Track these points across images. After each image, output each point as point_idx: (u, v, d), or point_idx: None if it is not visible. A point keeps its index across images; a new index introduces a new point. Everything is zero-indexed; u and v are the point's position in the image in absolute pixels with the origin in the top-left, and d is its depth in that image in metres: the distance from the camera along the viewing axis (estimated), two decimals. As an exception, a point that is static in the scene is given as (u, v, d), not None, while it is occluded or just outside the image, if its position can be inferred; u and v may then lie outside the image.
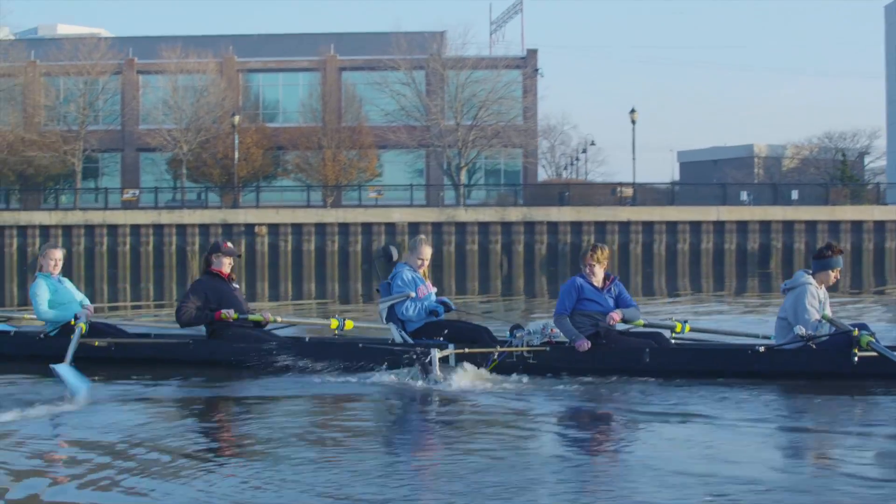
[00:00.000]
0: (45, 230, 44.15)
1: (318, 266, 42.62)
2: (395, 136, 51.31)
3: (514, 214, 43.36)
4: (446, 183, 52.18)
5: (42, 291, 11.37)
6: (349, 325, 11.55)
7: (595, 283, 10.23)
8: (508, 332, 10.48)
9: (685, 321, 11.16)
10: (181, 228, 43.55)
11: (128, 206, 49.52)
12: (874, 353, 9.41)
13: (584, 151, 73.20)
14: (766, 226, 43.52)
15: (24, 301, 31.25)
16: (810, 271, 10.06)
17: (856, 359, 9.40)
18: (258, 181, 52.12)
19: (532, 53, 54.26)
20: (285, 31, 76.25)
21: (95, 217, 44.31)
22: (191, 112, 50.58)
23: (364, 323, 13.05)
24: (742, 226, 43.53)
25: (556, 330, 10.25)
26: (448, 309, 10.87)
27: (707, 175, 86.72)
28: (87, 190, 53.65)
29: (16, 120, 51.56)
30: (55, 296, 11.45)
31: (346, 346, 10.95)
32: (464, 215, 43.35)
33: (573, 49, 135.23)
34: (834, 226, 43.72)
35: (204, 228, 43.33)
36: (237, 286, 11.54)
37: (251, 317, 11.26)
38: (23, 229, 44.34)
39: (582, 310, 10.15)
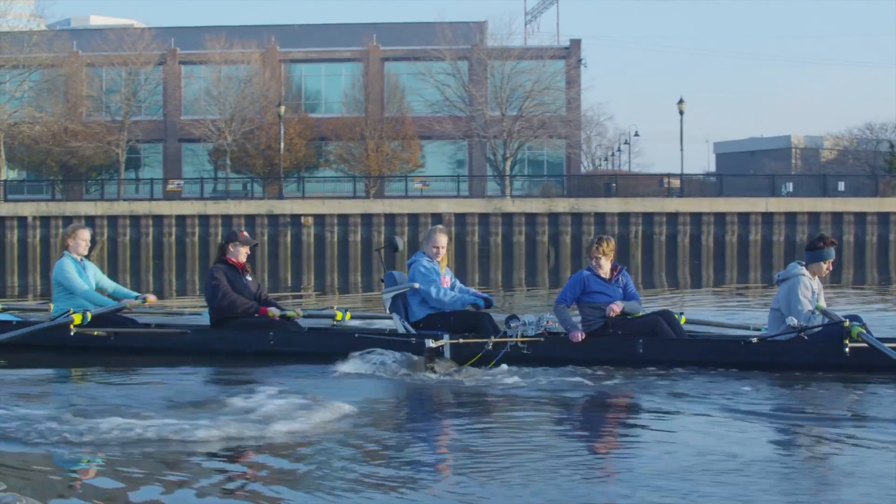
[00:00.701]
0: (90, 221, 44.08)
1: (365, 257, 42.49)
2: (440, 126, 51.03)
3: (562, 205, 43.05)
4: (491, 174, 51.93)
5: (72, 269, 11.18)
6: (348, 316, 11.72)
7: (602, 275, 10.30)
8: (504, 323, 10.45)
9: (681, 313, 11.24)
10: (227, 219, 43.40)
11: (171, 196, 49.50)
12: (865, 345, 9.42)
13: (627, 143, 72.84)
14: (814, 217, 42.96)
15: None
16: (804, 263, 10.14)
17: (847, 350, 9.44)
18: (301, 172, 51.99)
19: (576, 44, 53.88)
20: (328, 21, 76.20)
21: (141, 208, 44.30)
22: (234, 102, 50.46)
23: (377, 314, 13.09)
24: (791, 217, 43.00)
25: (553, 322, 10.30)
26: (489, 305, 10.87)
27: (744, 166, 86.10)
28: (130, 181, 53.69)
29: (60, 110, 51.56)
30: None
31: (342, 335, 10.98)
32: (511, 206, 43.08)
33: (606, 40, 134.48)
34: (883, 217, 43.19)
35: (250, 219, 43.21)
36: (251, 278, 11.36)
37: (288, 313, 11.25)
38: (68, 220, 44.24)
39: (590, 302, 10.24)
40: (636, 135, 75.10)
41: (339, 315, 11.70)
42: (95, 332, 10.91)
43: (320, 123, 53.10)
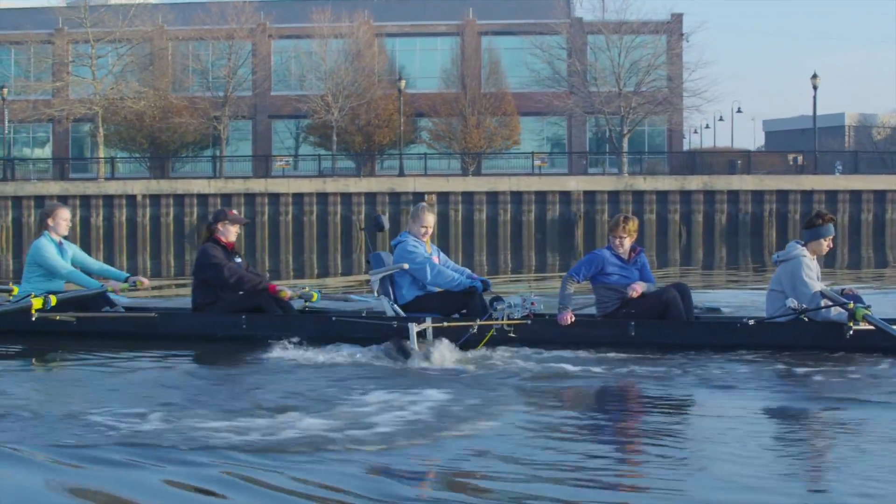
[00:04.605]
0: (203, 199, 42.84)
1: (466, 234, 41.36)
2: (546, 101, 49.81)
3: (695, 183, 41.89)
4: (607, 150, 50.90)
5: (51, 250, 10.69)
6: (314, 297, 11.10)
7: (622, 255, 10.08)
8: (489, 305, 10.11)
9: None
10: (346, 197, 42.19)
11: (273, 174, 48.21)
12: (870, 327, 9.20)
13: (721, 119, 71.95)
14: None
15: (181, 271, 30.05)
16: (802, 242, 9.81)
17: (851, 332, 9.21)
18: (401, 149, 50.82)
19: (677, 17, 52.57)
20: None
21: (256, 185, 42.97)
22: (338, 78, 49.16)
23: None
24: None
25: (537, 303, 9.97)
26: (486, 287, 10.39)
27: (795, 144, 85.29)
28: (239, 157, 52.29)
29: (164, 84, 50.22)
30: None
31: (319, 319, 10.51)
32: (642, 184, 41.90)
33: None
34: None
35: (370, 196, 41.98)
36: (240, 259, 10.73)
37: (306, 295, 10.92)
38: (179, 198, 43.00)
39: (607, 283, 10.03)
40: (739, 111, 74.37)
41: (315, 296, 11.07)
42: (58, 317, 10.50)
43: (415, 99, 51.77)
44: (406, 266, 10.18)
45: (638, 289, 9.86)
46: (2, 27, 54.90)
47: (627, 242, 10.06)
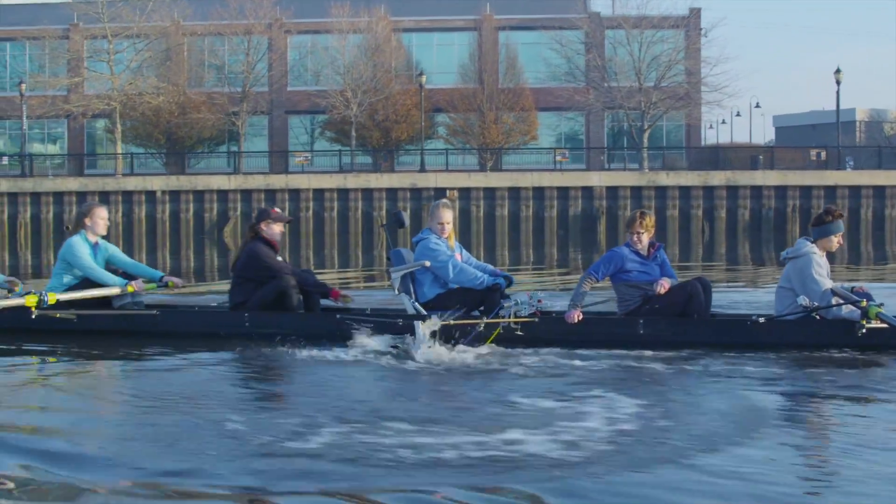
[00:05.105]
0: (223, 195, 42.64)
1: (487, 230, 41.17)
2: (567, 96, 49.61)
3: (718, 178, 41.68)
4: (627, 146, 50.68)
5: (83, 249, 10.60)
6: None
7: (641, 251, 9.95)
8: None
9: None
10: (367, 193, 41.94)
11: (290, 170, 48.04)
12: (883, 325, 9.07)
13: (738, 115, 71.58)
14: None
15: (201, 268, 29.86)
16: (811, 239, 9.69)
17: (863, 330, 9.07)
18: (418, 144, 50.61)
19: (695, 12, 52.37)
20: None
21: (277, 181, 42.76)
22: (357, 73, 48.97)
23: None
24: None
25: (543, 300, 9.89)
26: (510, 284, 10.27)
27: (806, 139, 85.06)
28: (258, 153, 52.07)
29: (181, 79, 50.02)
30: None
31: (324, 317, 10.38)
32: (665, 179, 41.69)
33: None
34: None
35: (392, 192, 41.73)
36: (280, 259, 10.70)
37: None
38: (199, 194, 42.80)
39: (628, 280, 9.88)
40: (757, 106, 74.10)
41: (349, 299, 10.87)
42: (58, 315, 10.46)
43: (433, 94, 51.56)
44: (428, 264, 10.03)
45: (665, 284, 9.73)
46: (17, 22, 54.67)
47: (645, 238, 9.94)
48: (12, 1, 59.89)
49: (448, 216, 10.25)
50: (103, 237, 10.95)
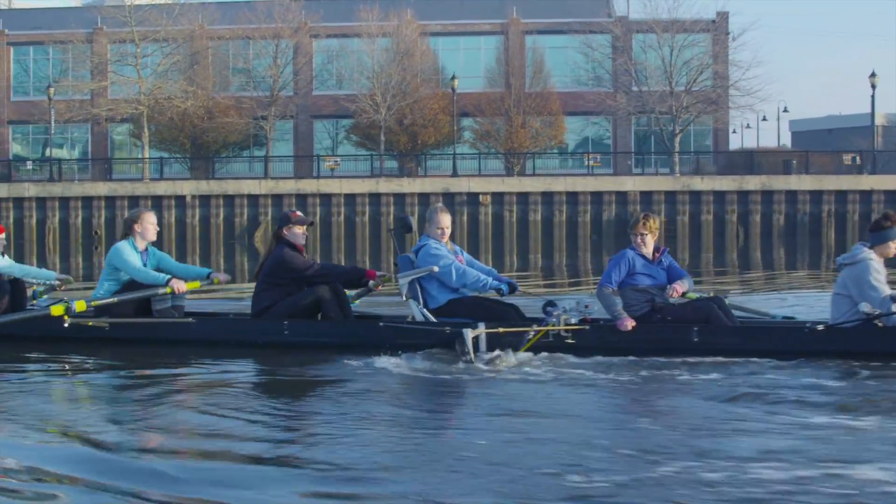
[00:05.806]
0: (253, 199, 42.44)
1: (520, 235, 40.92)
2: (598, 100, 49.36)
3: (753, 183, 41.41)
4: (654, 150, 50.41)
5: (132, 255, 10.44)
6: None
7: (646, 255, 9.63)
8: (542, 310, 9.71)
9: (724, 297, 10.42)
10: (399, 198, 41.73)
11: (317, 174, 47.76)
12: None
13: (765, 119, 71.55)
14: None
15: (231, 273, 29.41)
16: (868, 244, 9.34)
17: None
18: (445, 149, 50.37)
19: (722, 16, 52.08)
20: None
21: (308, 186, 42.52)
22: (385, 77, 48.74)
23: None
24: None
25: (591, 306, 9.62)
26: (513, 290, 10.03)
27: (822, 144, 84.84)
28: (287, 158, 51.85)
29: (209, 84, 49.81)
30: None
31: (366, 325, 10.14)
32: (700, 184, 41.42)
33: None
34: None
35: (423, 197, 41.46)
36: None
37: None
38: (230, 199, 42.57)
39: (635, 285, 9.55)
40: (785, 110, 73.92)
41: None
42: (90, 323, 10.17)
43: (459, 98, 51.26)
44: (436, 269, 9.81)
45: (679, 289, 9.51)
46: (41, 26, 54.45)
47: (650, 240, 9.63)
48: (35, 5, 59.77)
49: (447, 221, 10.11)
50: (152, 244, 10.72)
